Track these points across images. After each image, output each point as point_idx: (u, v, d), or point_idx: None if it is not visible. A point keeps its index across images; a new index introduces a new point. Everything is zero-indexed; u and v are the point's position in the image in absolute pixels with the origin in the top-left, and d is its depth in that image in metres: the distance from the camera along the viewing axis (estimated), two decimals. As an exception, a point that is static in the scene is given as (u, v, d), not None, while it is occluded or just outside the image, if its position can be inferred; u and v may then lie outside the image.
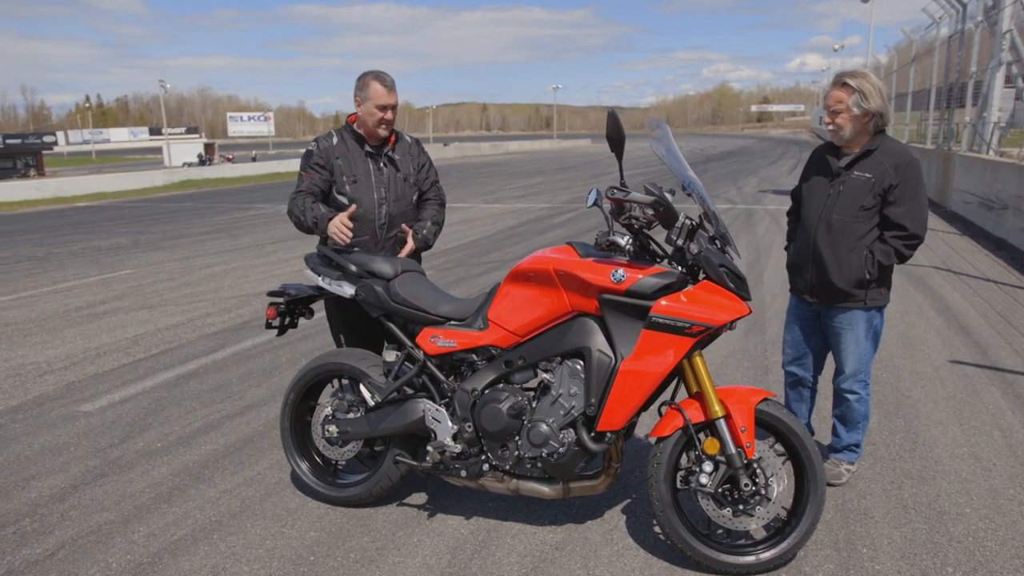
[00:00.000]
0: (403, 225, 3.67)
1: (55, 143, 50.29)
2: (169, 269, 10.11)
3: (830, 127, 3.30)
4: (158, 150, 57.03)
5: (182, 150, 47.61)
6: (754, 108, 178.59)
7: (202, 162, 41.98)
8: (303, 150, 4.11)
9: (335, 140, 3.61)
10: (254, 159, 45.66)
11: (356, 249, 3.51)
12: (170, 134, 60.52)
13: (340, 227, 3.35)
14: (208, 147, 47.90)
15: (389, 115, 3.55)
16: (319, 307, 3.77)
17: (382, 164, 3.64)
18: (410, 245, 3.68)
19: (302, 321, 3.66)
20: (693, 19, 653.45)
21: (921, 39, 20.98)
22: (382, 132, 3.58)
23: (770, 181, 21.78)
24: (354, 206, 3.48)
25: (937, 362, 5.31)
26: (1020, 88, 13.76)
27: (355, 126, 3.63)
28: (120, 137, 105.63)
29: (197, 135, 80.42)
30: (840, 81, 3.24)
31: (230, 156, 46.85)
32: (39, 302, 8.21)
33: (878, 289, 3.34)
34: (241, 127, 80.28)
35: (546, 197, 19.19)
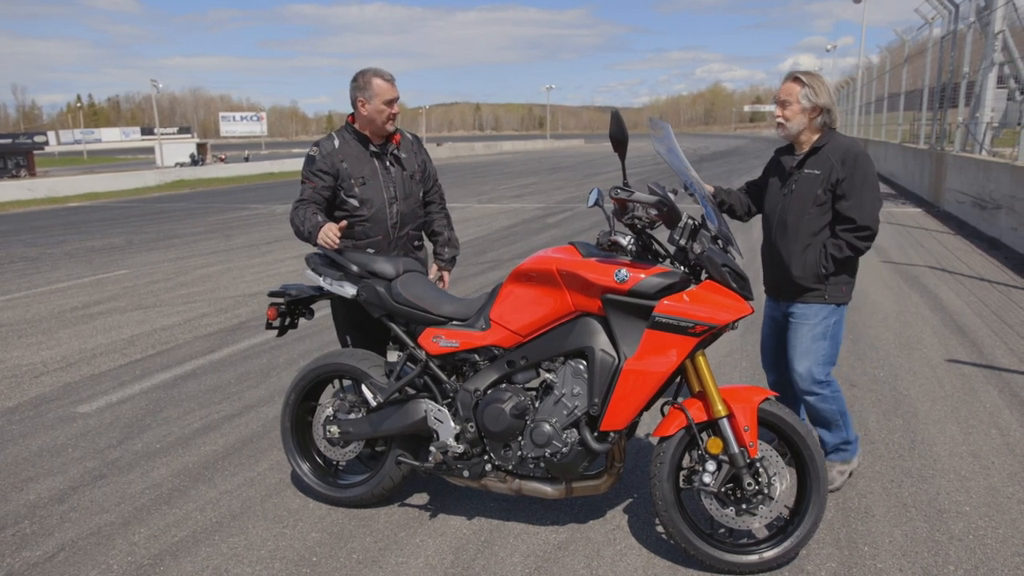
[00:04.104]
0: (434, 266, 3.87)
1: (46, 143, 50.04)
2: (164, 269, 10.07)
3: (778, 119, 3.34)
4: (150, 150, 56.77)
5: (174, 150, 47.40)
6: (747, 108, 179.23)
7: (194, 162, 41.79)
8: (296, 150, 4.08)
9: (337, 143, 3.56)
10: (247, 159, 45.52)
11: (370, 250, 3.51)
12: (162, 134, 60.26)
13: (327, 234, 3.29)
14: (200, 147, 47.72)
15: (395, 109, 3.55)
16: (320, 308, 3.76)
17: (388, 163, 3.62)
18: (446, 280, 3.91)
19: (301, 321, 3.65)
20: (688, 19, 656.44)
21: (913, 39, 21.07)
22: (390, 127, 3.57)
23: (764, 181, 21.84)
24: (344, 222, 3.44)
25: (934, 361, 5.34)
26: (1012, 88, 13.83)
27: (356, 126, 3.60)
28: (112, 137, 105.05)
29: (189, 135, 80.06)
30: (793, 76, 3.31)
31: (223, 156, 46.72)
32: (33, 303, 8.17)
33: (838, 284, 3.31)
34: (234, 127, 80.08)
35: (540, 197, 19.19)
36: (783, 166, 3.43)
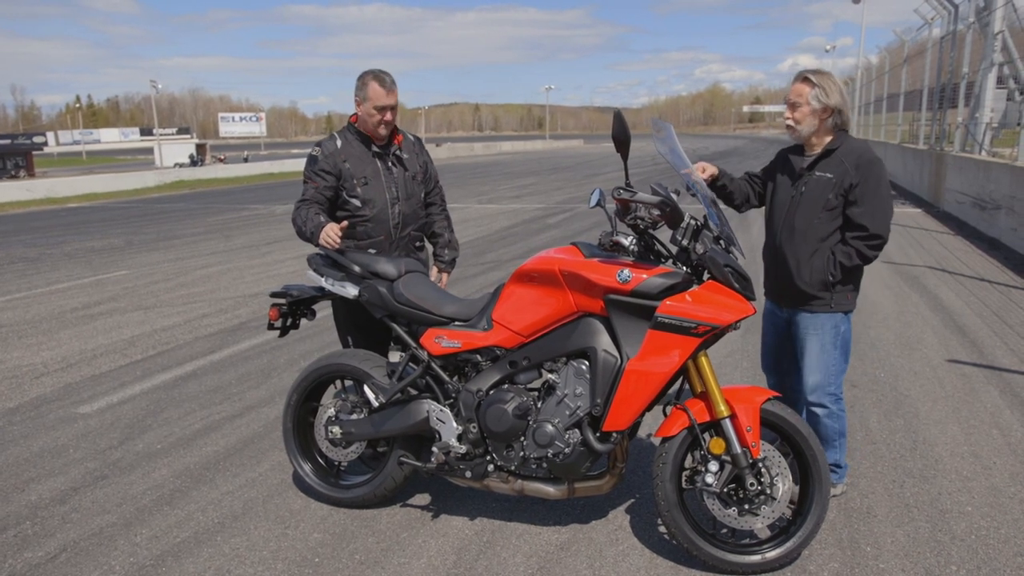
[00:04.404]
0: (434, 268, 3.87)
1: (45, 143, 50.07)
2: (164, 270, 10.06)
3: (788, 121, 3.25)
4: (149, 151, 56.77)
5: (173, 151, 47.40)
6: (746, 109, 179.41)
7: (194, 163, 41.80)
8: (295, 151, 4.07)
9: (339, 143, 3.56)
10: (246, 160, 45.53)
11: (372, 251, 3.51)
12: (161, 135, 60.22)
13: (329, 234, 3.27)
14: (200, 148, 47.72)
15: (388, 116, 3.50)
16: (321, 308, 3.76)
17: (391, 163, 3.62)
18: (444, 281, 3.90)
19: (302, 322, 3.65)
20: (687, 20, 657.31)
21: (913, 40, 21.10)
22: (382, 132, 3.54)
23: (763, 181, 21.81)
24: (346, 222, 3.39)
25: (935, 361, 5.34)
26: (1012, 89, 13.86)
27: (357, 126, 3.60)
28: (111, 138, 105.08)
29: (188, 136, 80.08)
30: (802, 76, 3.20)
31: (222, 157, 46.70)
32: (33, 303, 8.16)
33: (844, 292, 3.21)
34: (233, 127, 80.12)
35: (540, 198, 19.19)
36: (792, 166, 3.31)
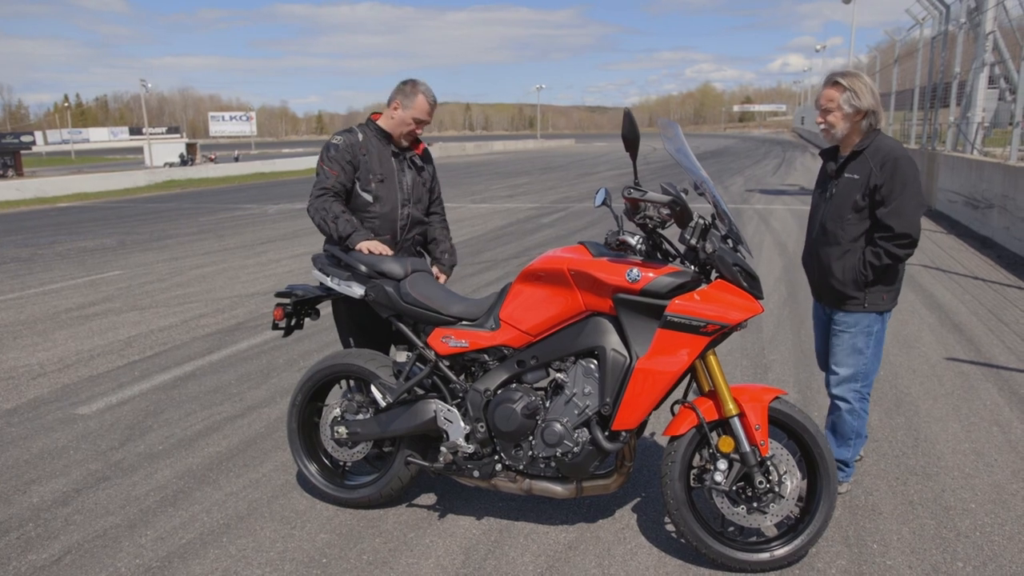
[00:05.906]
0: (433, 269, 3.81)
1: (33, 143, 49.63)
2: (158, 270, 10.00)
3: (822, 126, 3.27)
4: (138, 150, 56.39)
5: (163, 150, 47.04)
6: (736, 108, 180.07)
7: (184, 162, 41.56)
8: (286, 150, 4.05)
9: (360, 137, 3.56)
10: (236, 159, 45.31)
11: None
12: (151, 134, 59.78)
13: (373, 248, 3.32)
14: (190, 147, 47.40)
15: (420, 129, 3.59)
16: (325, 308, 3.75)
17: (407, 166, 3.64)
18: (443, 280, 3.86)
19: (305, 321, 3.64)
20: (679, 20, 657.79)
21: (903, 40, 21.23)
22: (403, 142, 3.61)
23: (756, 181, 21.89)
24: (387, 248, 3.40)
25: (933, 359, 5.37)
26: (1003, 88, 13.97)
27: (380, 123, 3.61)
28: (100, 137, 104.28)
29: (178, 135, 79.56)
30: (832, 80, 3.20)
31: (212, 156, 46.43)
32: (27, 304, 8.10)
33: (879, 293, 3.23)
34: (223, 127, 79.63)
35: (533, 197, 19.20)
36: (825, 169, 3.38)
